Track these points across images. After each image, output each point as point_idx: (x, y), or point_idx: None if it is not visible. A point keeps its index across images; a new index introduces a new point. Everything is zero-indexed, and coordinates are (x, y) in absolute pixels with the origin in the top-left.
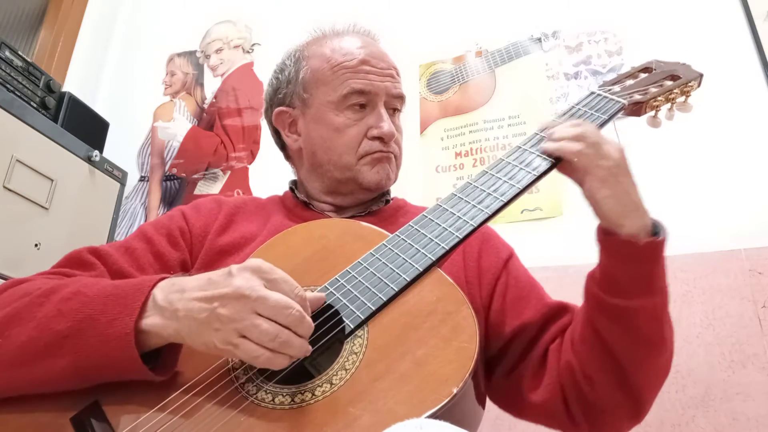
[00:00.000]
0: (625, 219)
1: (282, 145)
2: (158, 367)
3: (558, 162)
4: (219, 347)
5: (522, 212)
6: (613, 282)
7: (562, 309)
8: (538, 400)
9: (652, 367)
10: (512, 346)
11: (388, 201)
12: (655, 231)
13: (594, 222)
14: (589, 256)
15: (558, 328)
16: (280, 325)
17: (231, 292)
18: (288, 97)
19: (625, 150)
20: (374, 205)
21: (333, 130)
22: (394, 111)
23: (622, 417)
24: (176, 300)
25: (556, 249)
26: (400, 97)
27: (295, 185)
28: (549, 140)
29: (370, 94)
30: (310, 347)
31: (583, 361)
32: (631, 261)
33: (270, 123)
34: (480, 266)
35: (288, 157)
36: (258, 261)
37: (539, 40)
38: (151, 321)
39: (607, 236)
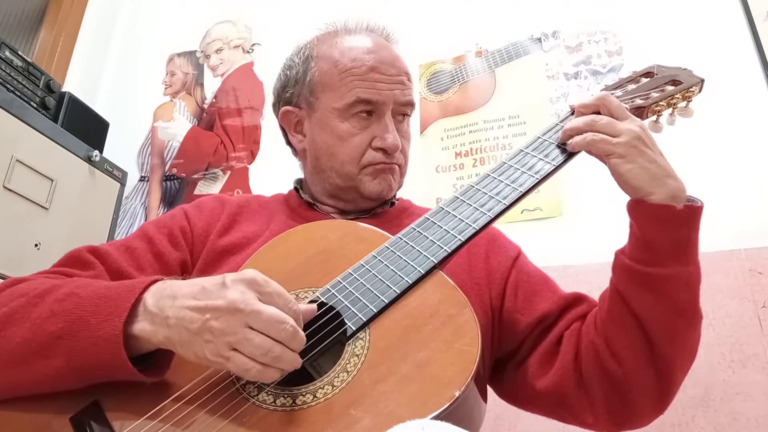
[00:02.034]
0: (655, 186)
1: (290, 142)
2: (150, 369)
3: (562, 164)
4: (210, 359)
5: (522, 212)
6: (648, 250)
7: (578, 298)
8: (547, 385)
9: (684, 342)
10: (527, 340)
11: (393, 203)
12: (690, 200)
13: (594, 222)
14: (589, 256)
15: (574, 316)
16: (272, 339)
17: (225, 305)
18: (295, 97)
19: (644, 124)
20: (379, 207)
21: (337, 138)
22: (403, 116)
23: (648, 399)
24: (167, 307)
25: (555, 249)
26: (410, 104)
27: (300, 184)
28: (562, 135)
29: (377, 103)
30: (300, 361)
31: (610, 339)
32: (668, 225)
33: (277, 119)
34: (488, 267)
35: (295, 154)
36: (253, 273)
37: (539, 40)
38: (140, 326)
39: (640, 204)
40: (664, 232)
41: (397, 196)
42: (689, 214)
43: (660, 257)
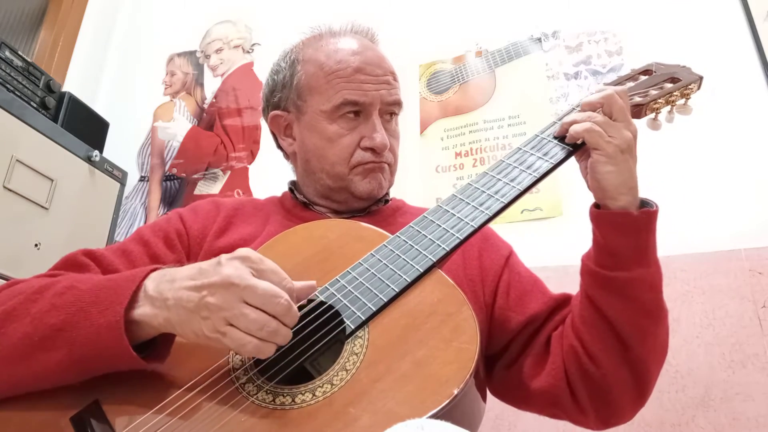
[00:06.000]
0: (619, 194)
1: (280, 146)
2: (151, 356)
3: (561, 163)
4: (207, 335)
5: (522, 212)
6: (611, 255)
7: (566, 300)
8: (540, 386)
9: (653, 339)
10: (516, 339)
11: (387, 201)
12: (644, 205)
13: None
14: None
15: (562, 317)
16: (267, 314)
17: (220, 280)
18: (283, 101)
19: (637, 132)
20: (373, 205)
21: (326, 139)
22: (390, 116)
23: (627, 396)
24: (166, 289)
25: (556, 249)
26: (397, 103)
27: (294, 186)
28: (560, 128)
29: (364, 104)
30: (290, 335)
31: (585, 342)
32: (628, 231)
33: (267, 123)
34: (482, 264)
35: (287, 157)
36: (247, 250)
37: (539, 40)
38: (141, 311)
39: (601, 211)
40: (625, 238)
41: (392, 195)
42: (646, 220)
43: (623, 262)
